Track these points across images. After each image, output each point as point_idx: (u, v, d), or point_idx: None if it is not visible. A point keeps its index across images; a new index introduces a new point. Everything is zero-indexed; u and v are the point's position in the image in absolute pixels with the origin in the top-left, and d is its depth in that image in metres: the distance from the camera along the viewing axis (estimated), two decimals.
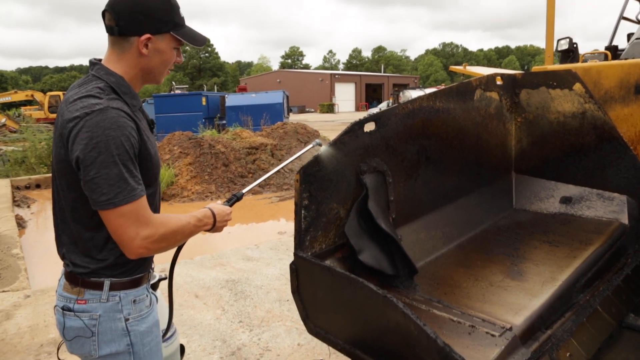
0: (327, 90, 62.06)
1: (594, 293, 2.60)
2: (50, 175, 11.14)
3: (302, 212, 2.09)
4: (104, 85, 1.45)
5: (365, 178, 2.30)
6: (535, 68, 3.33)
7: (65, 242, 1.54)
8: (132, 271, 1.54)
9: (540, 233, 2.98)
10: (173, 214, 1.55)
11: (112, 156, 1.33)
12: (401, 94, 31.49)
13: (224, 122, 19.28)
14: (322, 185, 2.14)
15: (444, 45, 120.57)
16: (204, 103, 20.43)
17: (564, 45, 4.21)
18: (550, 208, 3.34)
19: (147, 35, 1.50)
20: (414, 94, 28.80)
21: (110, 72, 1.49)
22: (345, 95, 63.27)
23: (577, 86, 3.10)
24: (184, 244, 1.69)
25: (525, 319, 2.07)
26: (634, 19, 4.93)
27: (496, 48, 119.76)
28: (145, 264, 1.59)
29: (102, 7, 1.55)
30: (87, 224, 1.46)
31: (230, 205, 1.85)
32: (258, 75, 75.17)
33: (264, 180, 2.24)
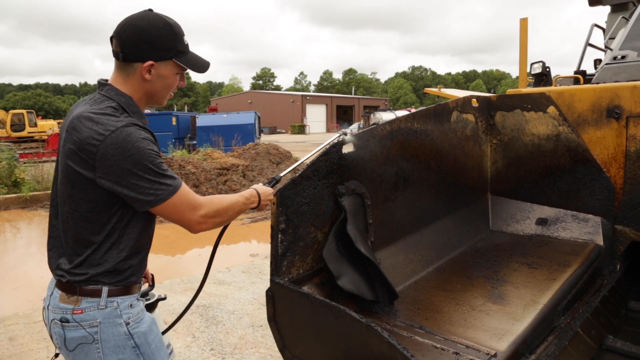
0: (298, 111, 62.37)
1: (574, 315, 2.59)
2: (9, 195, 10.63)
3: (279, 236, 2.02)
4: (116, 105, 1.55)
5: (343, 201, 2.25)
6: (510, 91, 3.38)
7: (65, 253, 1.59)
8: (128, 279, 1.60)
9: (518, 255, 2.98)
10: (221, 194, 1.72)
11: (147, 163, 1.47)
12: (372, 115, 31.73)
13: (195, 142, 19.07)
14: (299, 209, 2.08)
15: (414, 68, 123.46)
16: (174, 123, 20.18)
17: (537, 69, 4.30)
18: (527, 229, 3.35)
19: (150, 62, 1.59)
20: (384, 115, 29.09)
21: (121, 92, 1.60)
22: (317, 117, 63.69)
23: (551, 109, 3.15)
24: (227, 226, 1.88)
25: (509, 344, 2.01)
26: (599, 46, 5.11)
27: (464, 72, 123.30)
28: (138, 273, 1.66)
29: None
30: (98, 231, 1.54)
31: (271, 187, 1.99)
32: (229, 96, 75.04)
33: (298, 165, 2.33)
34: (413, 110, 3.02)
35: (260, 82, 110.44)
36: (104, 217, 1.54)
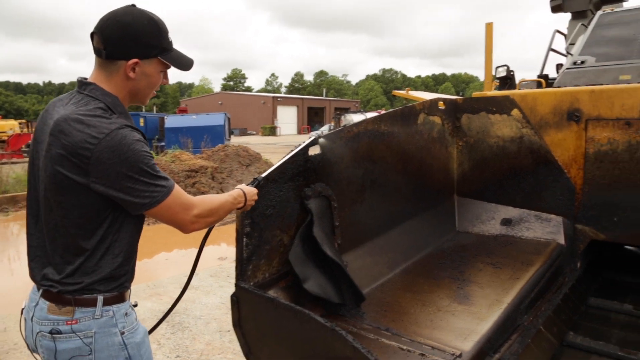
0: (269, 113, 62.17)
1: (537, 313, 2.64)
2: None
3: (244, 239, 2.00)
4: (104, 106, 1.52)
5: (309, 203, 2.25)
6: (475, 94, 3.43)
7: (51, 262, 1.55)
8: (122, 285, 1.58)
9: (483, 255, 3.02)
10: (210, 194, 1.75)
11: (142, 166, 1.46)
12: (342, 117, 32.06)
13: (163, 144, 18.74)
14: (265, 212, 2.06)
15: (384, 71, 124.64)
16: (142, 124, 19.78)
17: (502, 72, 4.40)
18: (492, 230, 3.40)
19: (135, 60, 1.56)
20: (355, 117, 29.34)
21: (107, 92, 1.56)
22: (288, 118, 63.63)
23: (515, 112, 3.22)
24: (213, 227, 1.91)
25: (474, 344, 2.04)
26: (561, 51, 5.26)
27: (433, 75, 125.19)
28: (131, 278, 1.65)
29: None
30: (91, 237, 1.51)
31: (255, 187, 2.00)
32: (199, 97, 74.14)
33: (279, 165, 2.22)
34: (383, 112, 3.04)
35: (231, 83, 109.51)
36: (96, 222, 1.51)
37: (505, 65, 4.38)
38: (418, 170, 3.02)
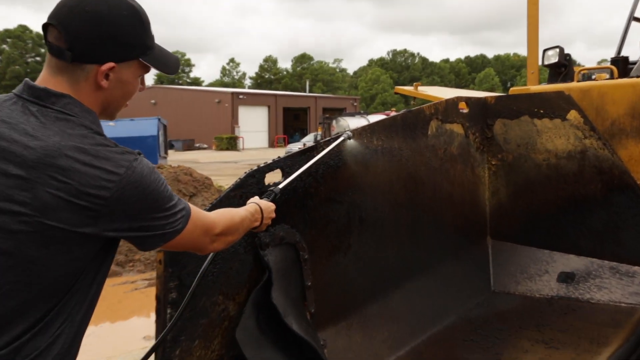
0: (227, 116, 62.03)
1: None
2: None
3: (169, 311, 2.05)
4: (95, 128, 1.65)
5: (267, 254, 2.30)
6: (514, 89, 3.53)
7: None
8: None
9: (532, 329, 3.06)
10: (225, 208, 2.03)
11: (164, 196, 1.69)
12: (334, 122, 32.12)
13: None
14: (199, 268, 2.09)
15: (395, 53, 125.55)
16: None
17: (552, 58, 4.48)
18: (545, 290, 3.45)
19: (110, 65, 1.67)
20: (352, 122, 29.43)
21: (86, 108, 1.67)
22: (254, 125, 63.49)
23: (573, 114, 3.30)
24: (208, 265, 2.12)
25: None
26: None
27: (467, 58, 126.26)
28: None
29: None
30: (54, 298, 1.61)
31: (272, 201, 2.20)
32: None
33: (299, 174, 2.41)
34: (393, 114, 3.12)
35: None
36: (70, 280, 1.63)
37: (557, 47, 4.48)
38: (431, 203, 3.11)
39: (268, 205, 2.15)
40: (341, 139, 2.56)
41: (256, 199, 2.18)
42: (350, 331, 2.64)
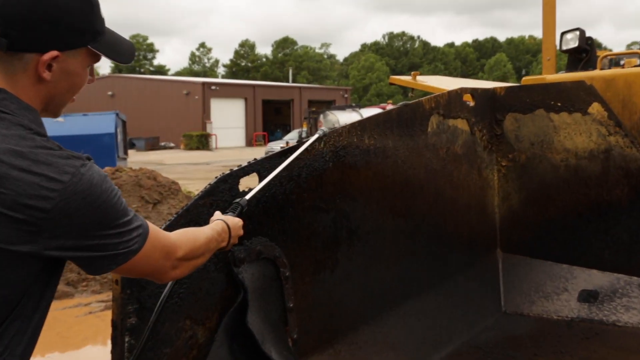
0: (197, 111, 62.16)
1: None
2: None
3: (127, 339, 2.02)
4: (34, 128, 1.63)
5: (242, 272, 2.28)
6: (527, 79, 3.50)
7: None
8: None
9: (549, 356, 3.03)
10: (188, 228, 2.01)
11: (117, 210, 1.65)
12: (322, 117, 32.36)
13: None
14: (163, 289, 2.06)
15: (392, 37, 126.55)
16: None
17: (571, 42, 4.48)
18: (564, 311, 3.43)
19: (54, 53, 1.64)
20: (343, 117, 29.64)
21: (24, 105, 1.65)
22: (229, 120, 63.67)
23: (596, 107, 3.27)
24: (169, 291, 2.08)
25: None
26: None
27: (475, 42, 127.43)
28: None
29: None
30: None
31: (237, 216, 2.17)
32: None
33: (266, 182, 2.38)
34: (390, 107, 3.09)
35: None
36: (7, 307, 1.60)
37: (577, 30, 4.47)
38: (431, 210, 3.07)
39: (235, 222, 2.13)
40: (314, 138, 2.53)
41: (220, 214, 2.14)
42: None
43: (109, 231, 1.62)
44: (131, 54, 1.87)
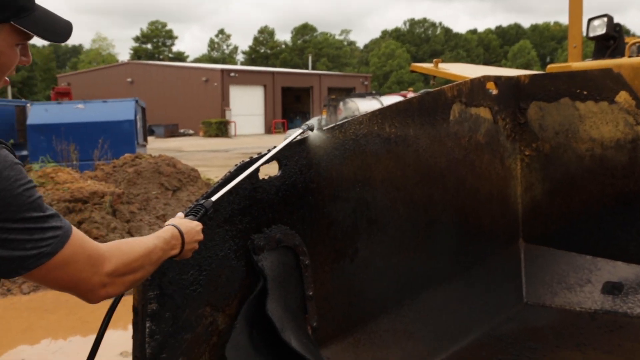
0: (216, 98, 62.01)
1: None
2: None
3: (148, 325, 2.05)
4: None
5: (261, 260, 2.30)
6: (552, 67, 3.49)
7: None
8: None
9: (571, 348, 3.04)
10: (128, 238, 1.86)
11: (25, 202, 1.52)
12: (342, 105, 32.17)
13: (24, 152, 18.69)
14: (183, 277, 2.11)
15: (413, 23, 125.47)
16: None
17: (598, 29, 4.44)
18: (587, 302, 3.43)
19: None
20: (363, 105, 29.45)
21: None
22: (248, 107, 63.49)
23: (623, 96, 3.27)
24: (120, 298, 2.03)
25: None
26: None
27: (498, 28, 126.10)
28: None
29: None
30: None
31: (199, 220, 2.07)
32: (92, 70, 74.18)
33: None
34: (411, 95, 3.09)
35: (149, 46, 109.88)
36: None
37: (605, 16, 4.44)
38: (453, 200, 3.10)
39: (191, 227, 2.00)
40: (297, 133, 2.52)
41: (175, 219, 2.04)
42: (357, 349, 2.63)
43: (12, 225, 1.49)
44: (67, 32, 1.74)
